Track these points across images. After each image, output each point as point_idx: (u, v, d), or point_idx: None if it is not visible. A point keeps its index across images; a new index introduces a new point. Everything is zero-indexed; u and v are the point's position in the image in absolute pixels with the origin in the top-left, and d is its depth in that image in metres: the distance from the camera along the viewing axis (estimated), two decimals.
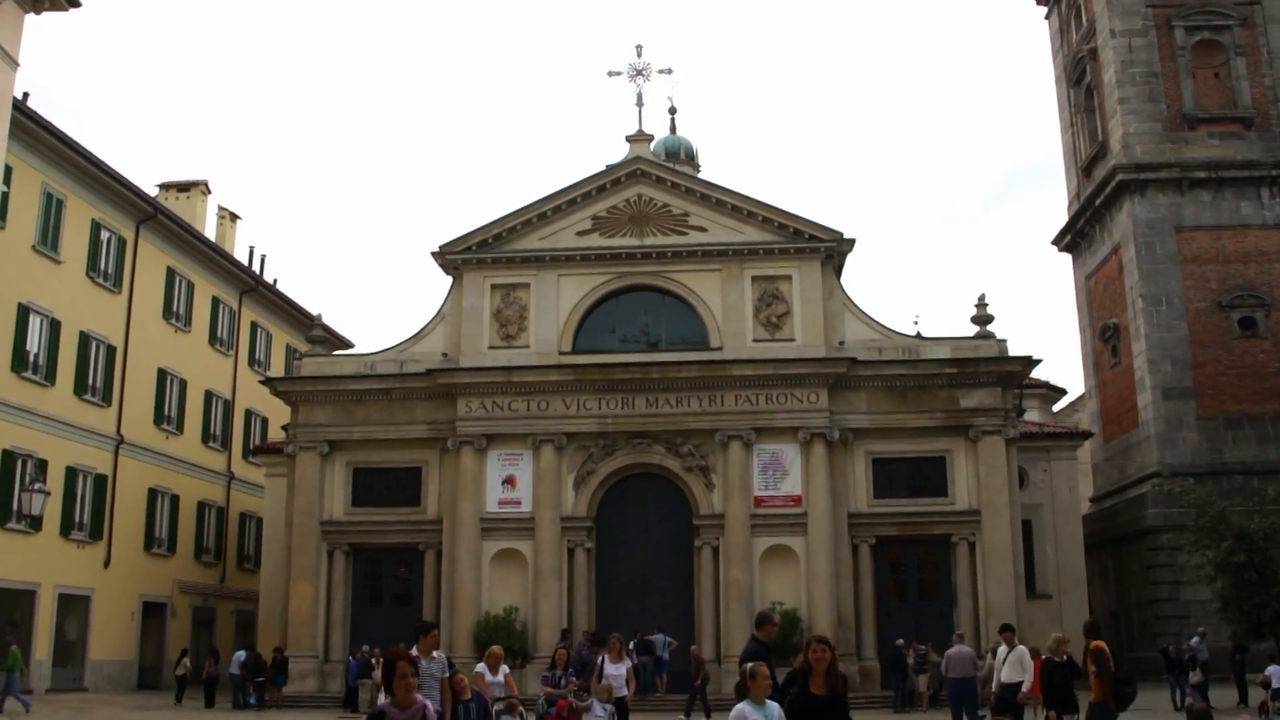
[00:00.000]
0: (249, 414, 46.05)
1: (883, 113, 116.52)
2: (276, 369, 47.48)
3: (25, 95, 32.17)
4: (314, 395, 35.16)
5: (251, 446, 45.00)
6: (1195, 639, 29.40)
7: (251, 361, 46.69)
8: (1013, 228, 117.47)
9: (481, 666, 15.24)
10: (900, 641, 30.69)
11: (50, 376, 33.60)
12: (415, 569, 34.77)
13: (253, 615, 41.46)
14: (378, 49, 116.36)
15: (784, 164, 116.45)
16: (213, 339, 43.65)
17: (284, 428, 37.04)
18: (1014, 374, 33.94)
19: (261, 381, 38.81)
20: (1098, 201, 42.10)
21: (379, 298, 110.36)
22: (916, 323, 44.21)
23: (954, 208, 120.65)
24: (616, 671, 16.32)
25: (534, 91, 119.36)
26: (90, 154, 34.78)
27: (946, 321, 78.38)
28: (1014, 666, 18.58)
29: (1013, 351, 33.99)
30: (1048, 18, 48.73)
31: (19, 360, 32.38)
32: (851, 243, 34.73)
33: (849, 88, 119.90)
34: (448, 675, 11.44)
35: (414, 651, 10.58)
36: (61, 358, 34.08)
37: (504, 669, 15.41)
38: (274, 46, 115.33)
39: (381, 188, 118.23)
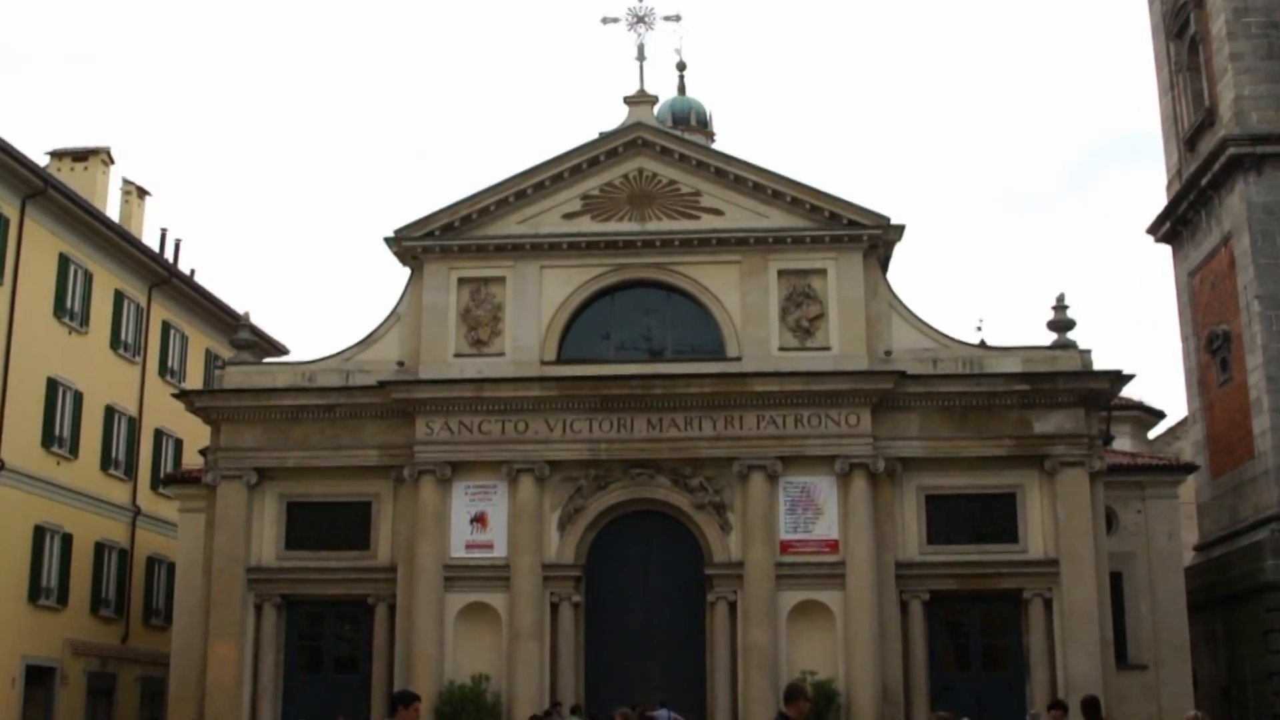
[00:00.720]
0: (159, 435, 46.20)
1: (938, 73, 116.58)
2: (194, 380, 47.58)
3: None
4: (239, 412, 35.15)
5: (162, 475, 45.02)
6: None
7: (163, 371, 46.88)
8: (1099, 214, 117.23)
9: None
10: None
11: None
12: (363, 626, 34.71)
13: (163, 683, 41.28)
14: None
15: (818, 133, 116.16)
16: (115, 343, 43.78)
17: (202, 452, 36.98)
18: (1100, 393, 33.91)
19: (175, 395, 38.80)
20: (1204, 181, 42.07)
21: (320, 294, 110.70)
22: (980, 329, 43.96)
23: (1027, 189, 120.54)
24: None
25: (511, 42, 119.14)
26: None
27: (1017, 328, 78.42)
28: None
29: (1098, 365, 33.94)
30: None
31: None
32: (900, 230, 34.84)
33: (898, 41, 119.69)
34: None
35: None
36: None
37: None
38: None
39: (324, 160, 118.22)
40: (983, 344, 36.48)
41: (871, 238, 34.66)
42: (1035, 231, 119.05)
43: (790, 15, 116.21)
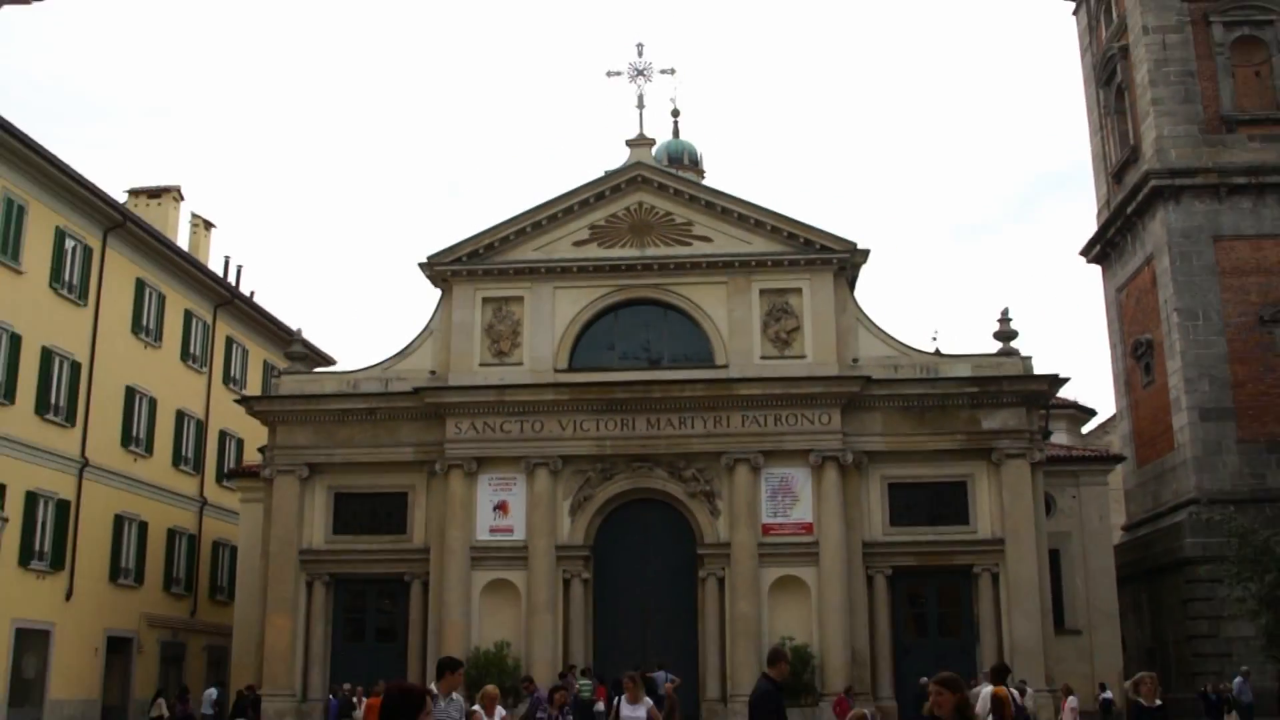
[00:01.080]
0: (223, 435, 46.13)
1: (899, 116, 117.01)
2: (253, 387, 47.60)
3: None
4: (293, 415, 35.30)
5: (226, 470, 45.09)
6: (1238, 679, 29.21)
7: (226, 379, 46.82)
8: (1038, 238, 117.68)
9: (476, 708, 14.42)
10: (923, 680, 30.27)
11: (10, 395, 33.67)
12: (400, 601, 34.86)
13: (226, 651, 41.45)
14: (364, 50, 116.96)
15: (794, 170, 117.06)
16: (185, 355, 43.77)
17: (261, 450, 37.26)
18: (1039, 394, 34.04)
19: (237, 401, 38.91)
20: (1129, 209, 42.16)
21: (363, 312, 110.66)
22: (935, 339, 44.26)
23: (975, 217, 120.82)
24: (635, 714, 15.16)
25: (529, 94, 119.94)
26: (54, 157, 34.90)
27: (967, 338, 78.79)
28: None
29: (1038, 369, 34.23)
30: (1075, 14, 48.93)
31: None
32: (865, 253, 35.07)
33: (862, 88, 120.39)
34: None
35: (433, 689, 10.22)
36: (22, 375, 34.13)
37: (499, 711, 14.50)
38: (254, 45, 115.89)
39: (367, 195, 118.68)
40: (938, 352, 36.94)
41: (840, 260, 34.88)
42: (983, 254, 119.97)
43: (771, 66, 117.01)
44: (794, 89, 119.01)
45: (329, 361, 52.33)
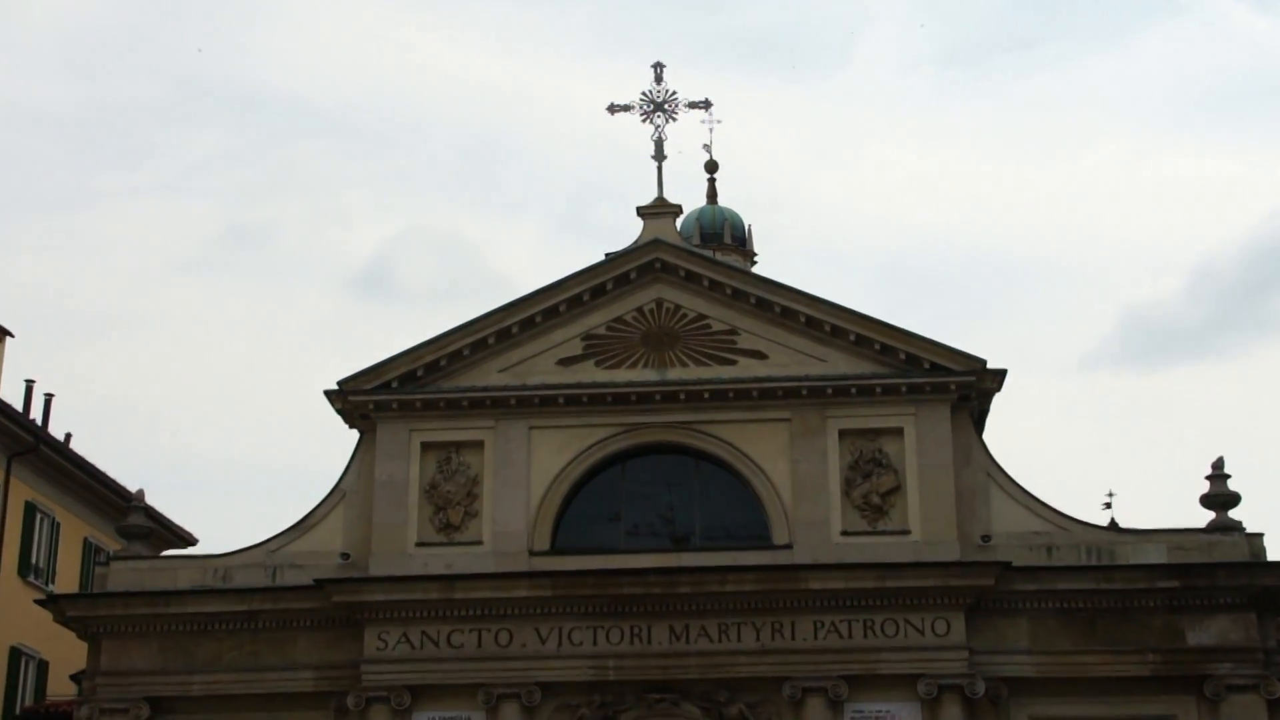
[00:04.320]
0: (16, 655, 44.66)
1: (1036, 178, 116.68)
2: (66, 581, 46.44)
3: None
4: (128, 623, 34.49)
5: (19, 709, 43.74)
6: None
7: (24, 569, 45.57)
8: (1267, 346, 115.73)
9: None
10: None
11: None
12: None
13: None
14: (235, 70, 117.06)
15: (882, 254, 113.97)
16: None
17: (76, 678, 36.18)
18: (1277, 591, 33.15)
19: (40, 602, 37.61)
20: None
21: (240, 467, 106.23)
22: (1109, 505, 43.11)
23: (1162, 323, 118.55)
24: None
25: (493, 141, 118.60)
26: None
27: (1159, 504, 76.51)
28: None
29: (1274, 554, 33.59)
30: None
31: None
32: (1000, 376, 34.61)
33: (981, 130, 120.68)
34: None
35: None
36: None
37: None
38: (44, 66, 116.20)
39: (245, 294, 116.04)
40: (1114, 525, 36.12)
41: (962, 387, 34.32)
42: (1179, 377, 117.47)
43: (847, 100, 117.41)
44: (881, 131, 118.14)
45: (186, 541, 51.21)
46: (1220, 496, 34.18)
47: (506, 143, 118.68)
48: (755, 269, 45.87)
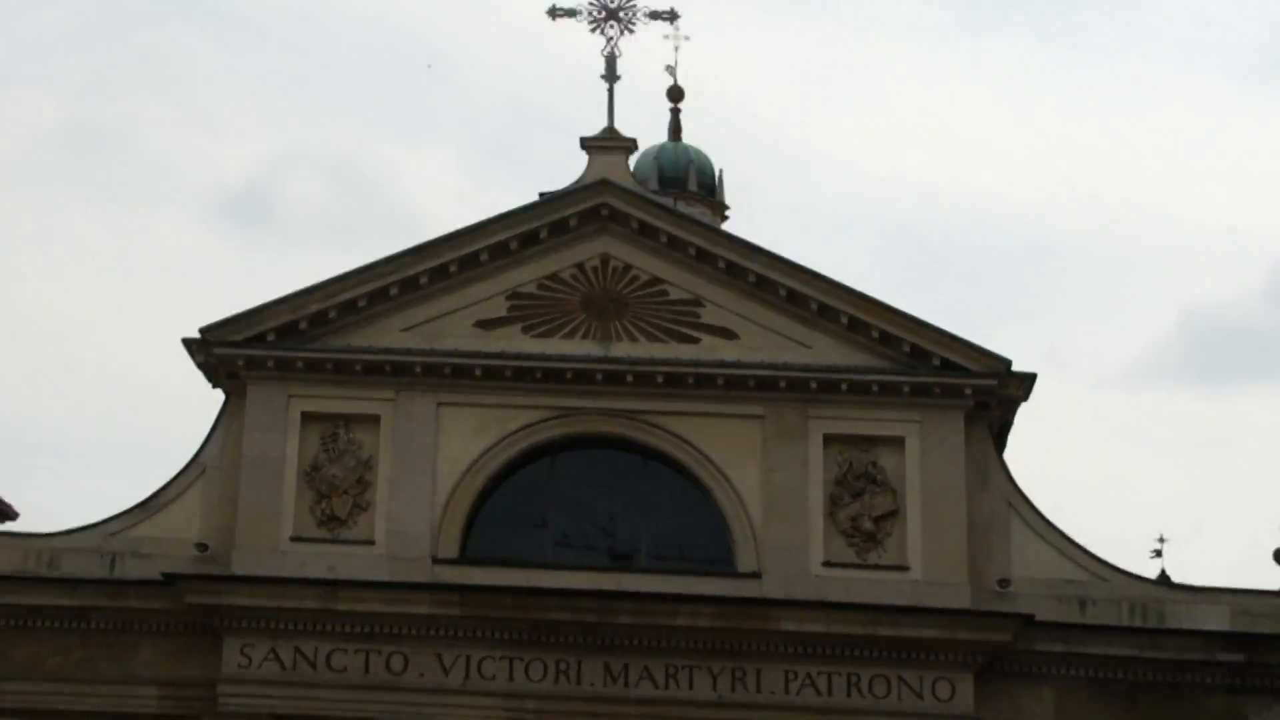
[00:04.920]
0: None
1: (1088, 129, 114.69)
2: None
3: None
4: None
5: None
6: None
7: None
8: None
9: None
10: None
11: None
12: None
13: None
14: None
15: (887, 220, 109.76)
16: None
17: None
18: None
19: None
20: None
21: (72, 427, 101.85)
22: (1159, 551, 42.63)
23: (1223, 323, 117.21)
24: None
25: (406, 44, 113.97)
26: None
27: (1223, 553, 74.90)
28: None
29: None
30: None
31: None
32: (1028, 382, 33.10)
33: (1017, 75, 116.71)
34: None
35: None
36: None
37: None
38: None
39: (85, 211, 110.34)
40: (1164, 579, 35.74)
41: (980, 392, 32.85)
42: (1250, 396, 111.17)
43: (847, 37, 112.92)
44: (891, 73, 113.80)
45: (5, 515, 46.94)
46: None
47: (424, 47, 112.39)
48: (726, 226, 45.49)
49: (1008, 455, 34.43)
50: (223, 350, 33.27)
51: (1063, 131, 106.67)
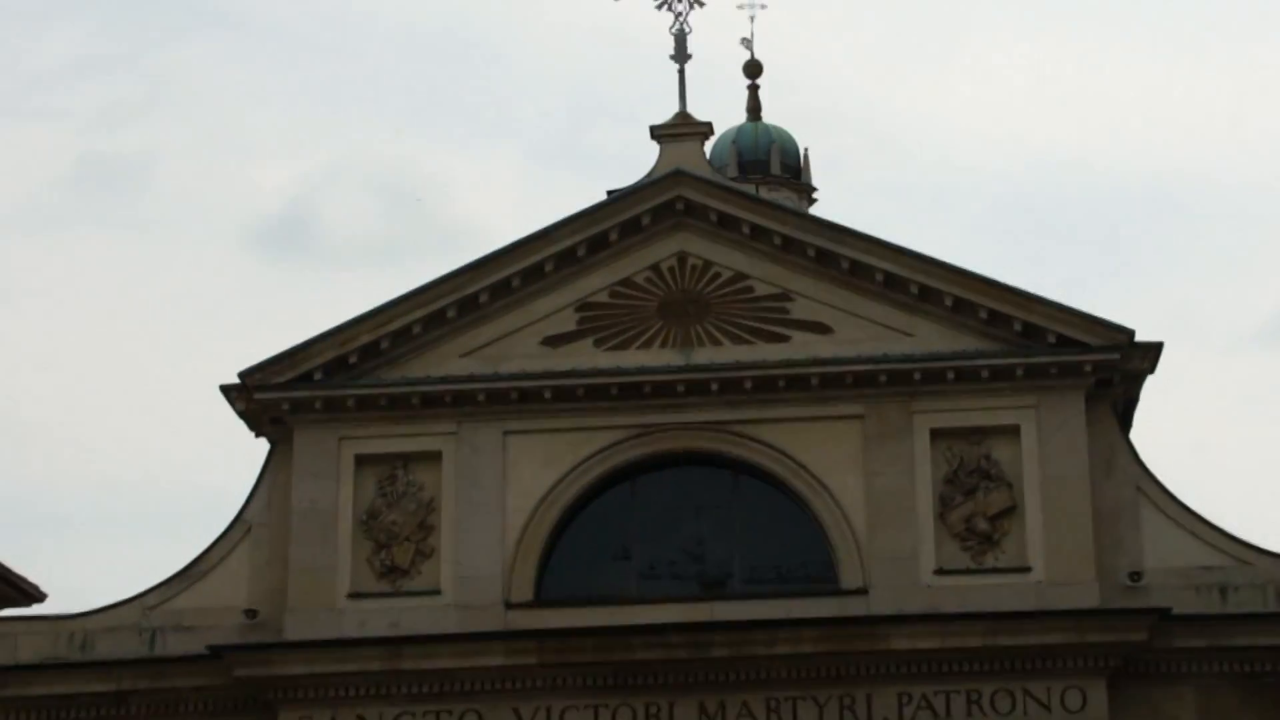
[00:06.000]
0: None
1: (1214, 74, 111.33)
2: None
3: None
4: None
5: None
6: None
7: None
8: None
9: None
10: None
11: None
12: None
13: None
14: None
15: (987, 190, 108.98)
16: None
17: None
18: None
19: None
20: None
21: (101, 492, 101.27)
22: None
23: None
24: None
25: (454, 43, 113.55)
26: None
27: None
28: None
29: None
30: None
31: None
32: (1154, 352, 31.45)
33: (1129, 17, 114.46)
34: None
35: None
36: None
37: None
38: None
39: (107, 253, 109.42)
40: None
41: (1101, 368, 31.14)
42: None
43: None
44: (986, 26, 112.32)
45: (30, 597, 47.39)
46: None
47: (474, 45, 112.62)
48: (814, 210, 45.14)
49: (1134, 434, 32.72)
50: (265, 395, 32.33)
51: (1187, 76, 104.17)
